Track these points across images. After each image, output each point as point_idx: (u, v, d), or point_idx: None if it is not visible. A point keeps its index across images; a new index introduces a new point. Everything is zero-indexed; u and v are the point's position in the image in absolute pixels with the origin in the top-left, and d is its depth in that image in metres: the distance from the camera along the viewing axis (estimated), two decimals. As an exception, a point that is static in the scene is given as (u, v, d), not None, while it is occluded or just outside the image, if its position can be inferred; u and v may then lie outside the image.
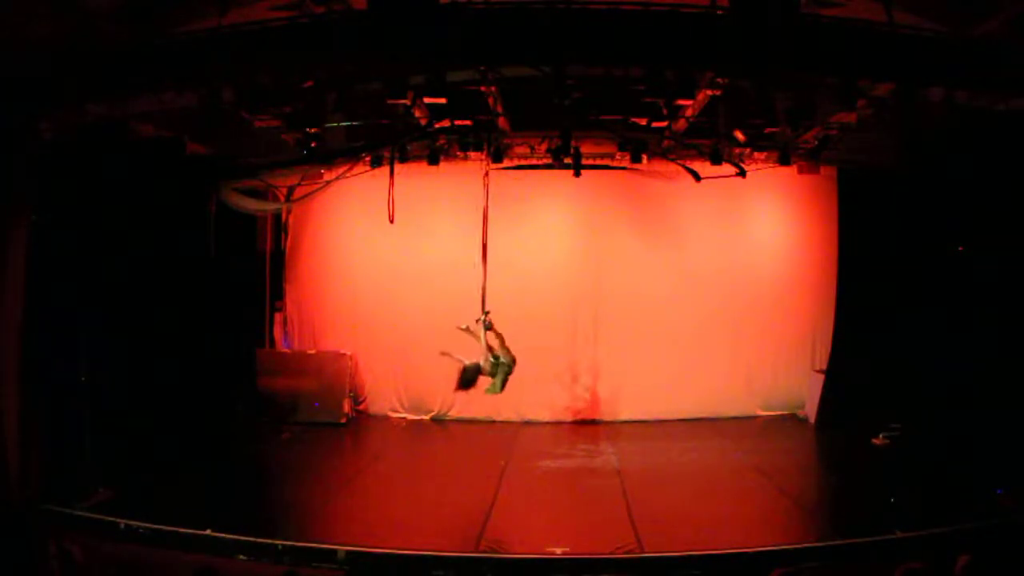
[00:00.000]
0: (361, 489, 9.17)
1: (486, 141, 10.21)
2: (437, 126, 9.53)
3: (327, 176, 11.66)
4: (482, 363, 8.64)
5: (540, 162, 11.17)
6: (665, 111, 8.83)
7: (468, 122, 9.67)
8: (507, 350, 8.63)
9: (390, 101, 8.09)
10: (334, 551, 6.58)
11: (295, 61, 7.01)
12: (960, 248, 10.06)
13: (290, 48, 6.86)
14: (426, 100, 8.08)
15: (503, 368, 8.55)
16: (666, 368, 12.12)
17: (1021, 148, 8.10)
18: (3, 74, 6.88)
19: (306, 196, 12.18)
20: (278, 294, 13.02)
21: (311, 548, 6.69)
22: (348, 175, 11.29)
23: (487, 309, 8.94)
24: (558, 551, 6.67)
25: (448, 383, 11.90)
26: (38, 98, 7.25)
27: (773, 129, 8.97)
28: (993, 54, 6.87)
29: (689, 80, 7.45)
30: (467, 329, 8.83)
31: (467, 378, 8.66)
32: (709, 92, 8.07)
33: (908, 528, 6.73)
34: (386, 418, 12.50)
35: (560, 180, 11.45)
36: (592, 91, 8.45)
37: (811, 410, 11.93)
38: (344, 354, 12.29)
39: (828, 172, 11.72)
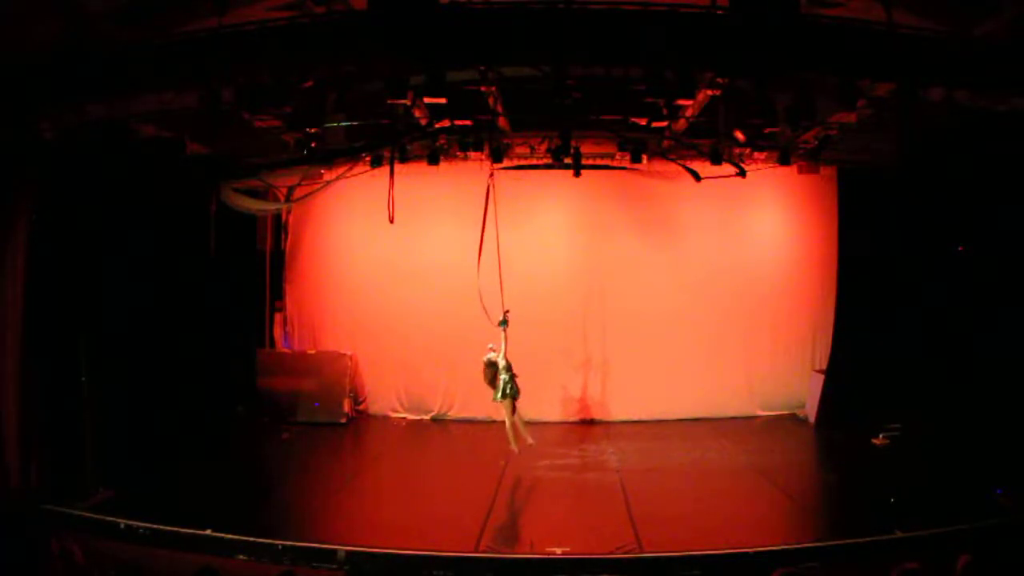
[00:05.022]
0: (361, 489, 9.18)
1: (486, 141, 10.21)
2: (437, 126, 9.53)
3: (327, 176, 11.66)
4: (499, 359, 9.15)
5: (540, 162, 11.18)
6: (665, 111, 8.83)
7: (468, 122, 9.67)
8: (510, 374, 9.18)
9: (390, 101, 8.08)
10: (334, 551, 6.58)
11: (295, 61, 7.01)
12: (960, 248, 10.06)
13: (290, 48, 6.86)
14: (426, 100, 8.08)
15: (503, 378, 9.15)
16: (666, 368, 12.11)
17: (1021, 148, 8.09)
18: (3, 74, 6.88)
19: (306, 196, 12.18)
20: (278, 294, 13.02)
21: (311, 548, 6.69)
22: (348, 175, 11.29)
23: (507, 308, 9.32)
24: (558, 551, 6.67)
25: (448, 383, 12.15)
26: (38, 98, 7.24)
27: (773, 129, 8.94)
28: (993, 54, 6.86)
29: (689, 80, 7.44)
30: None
31: (489, 377, 9.20)
32: (709, 92, 8.07)
33: (908, 528, 6.73)
34: (386, 418, 12.50)
35: (560, 180, 11.46)
36: (592, 91, 8.45)
37: (811, 410, 11.93)
38: (344, 354, 12.29)
39: (828, 172, 11.75)
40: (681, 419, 11.99)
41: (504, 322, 9.22)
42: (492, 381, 9.23)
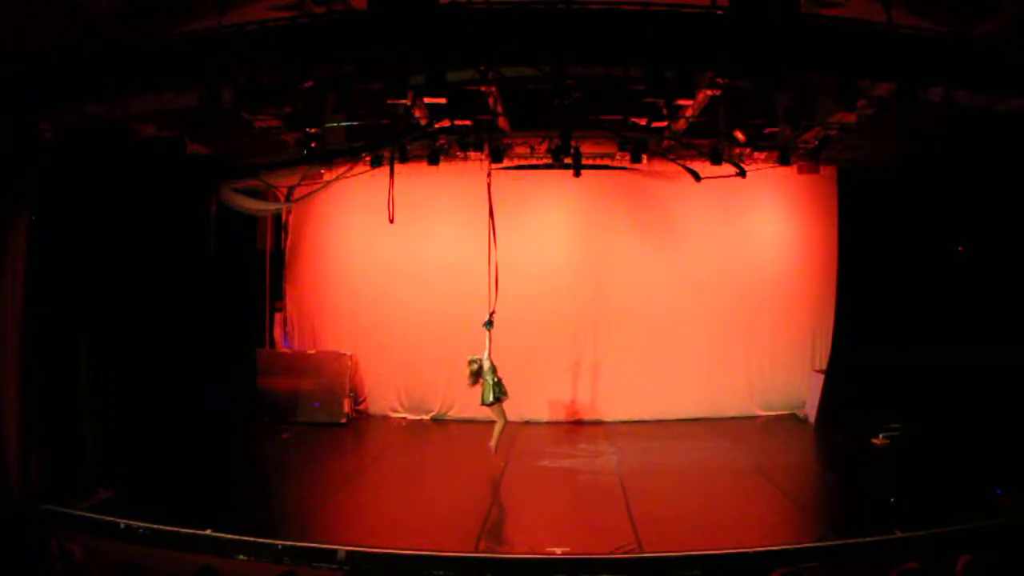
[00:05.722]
0: (361, 489, 9.17)
1: (486, 141, 10.21)
2: (437, 126, 9.52)
3: (327, 176, 11.67)
4: (484, 361, 9.05)
5: (540, 162, 11.19)
6: (665, 111, 8.83)
7: (468, 122, 9.67)
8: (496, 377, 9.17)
9: (390, 101, 8.09)
10: (334, 551, 6.59)
11: (295, 61, 7.01)
12: (960, 248, 10.06)
13: (290, 48, 6.86)
14: (426, 100, 8.09)
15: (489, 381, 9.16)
16: (666, 368, 12.11)
17: (1021, 148, 8.09)
18: (3, 74, 6.88)
19: (306, 196, 12.19)
20: (278, 294, 13.03)
21: (311, 548, 6.69)
22: (348, 175, 11.30)
23: (493, 309, 9.24)
24: (558, 551, 6.67)
25: (448, 383, 12.15)
26: (38, 98, 7.24)
27: (773, 129, 8.95)
28: (993, 54, 6.86)
29: (689, 80, 7.44)
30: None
31: (473, 372, 9.18)
32: (709, 92, 8.07)
33: (908, 528, 6.74)
34: (386, 418, 12.50)
35: (560, 180, 11.45)
36: (592, 91, 8.44)
37: (811, 410, 11.93)
38: (344, 354, 12.29)
39: (828, 172, 11.74)
40: (681, 419, 11.99)
41: (489, 323, 9.20)
42: (474, 379, 9.23)
